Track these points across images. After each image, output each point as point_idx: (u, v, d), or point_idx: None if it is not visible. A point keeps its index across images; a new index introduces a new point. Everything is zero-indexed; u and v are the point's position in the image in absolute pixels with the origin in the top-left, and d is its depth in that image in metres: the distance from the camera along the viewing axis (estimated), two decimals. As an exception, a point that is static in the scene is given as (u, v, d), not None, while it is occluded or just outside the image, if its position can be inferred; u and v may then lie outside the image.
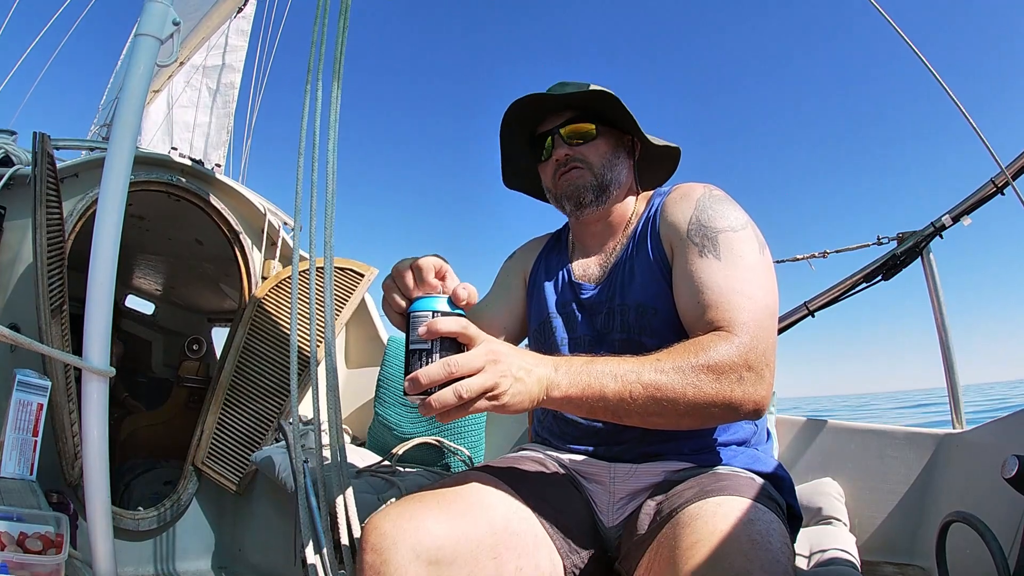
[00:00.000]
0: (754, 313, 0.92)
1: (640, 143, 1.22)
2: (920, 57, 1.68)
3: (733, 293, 0.94)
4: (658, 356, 0.87)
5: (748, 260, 0.98)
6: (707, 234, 1.01)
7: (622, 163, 1.19)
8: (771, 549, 0.72)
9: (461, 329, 0.78)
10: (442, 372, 0.74)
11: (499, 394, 0.77)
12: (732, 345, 0.87)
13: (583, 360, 0.86)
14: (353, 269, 2.84)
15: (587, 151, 1.15)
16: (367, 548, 0.84)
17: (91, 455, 1.05)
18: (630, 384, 0.83)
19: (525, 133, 1.24)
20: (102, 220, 1.08)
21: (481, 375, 0.75)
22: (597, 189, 1.15)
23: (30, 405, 1.51)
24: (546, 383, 0.82)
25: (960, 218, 1.78)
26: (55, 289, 2.02)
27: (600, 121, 1.16)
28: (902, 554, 1.50)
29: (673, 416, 0.85)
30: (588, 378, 0.83)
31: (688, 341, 0.90)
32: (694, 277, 0.98)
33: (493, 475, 1.01)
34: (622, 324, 1.09)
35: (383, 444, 2.33)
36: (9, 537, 1.15)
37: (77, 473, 2.16)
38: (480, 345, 0.78)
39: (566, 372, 0.83)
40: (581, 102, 1.16)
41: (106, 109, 3.61)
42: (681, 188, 1.14)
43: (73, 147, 2.69)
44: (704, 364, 0.85)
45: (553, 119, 1.18)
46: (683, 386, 0.84)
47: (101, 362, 1.06)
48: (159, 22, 1.14)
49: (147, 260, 3.92)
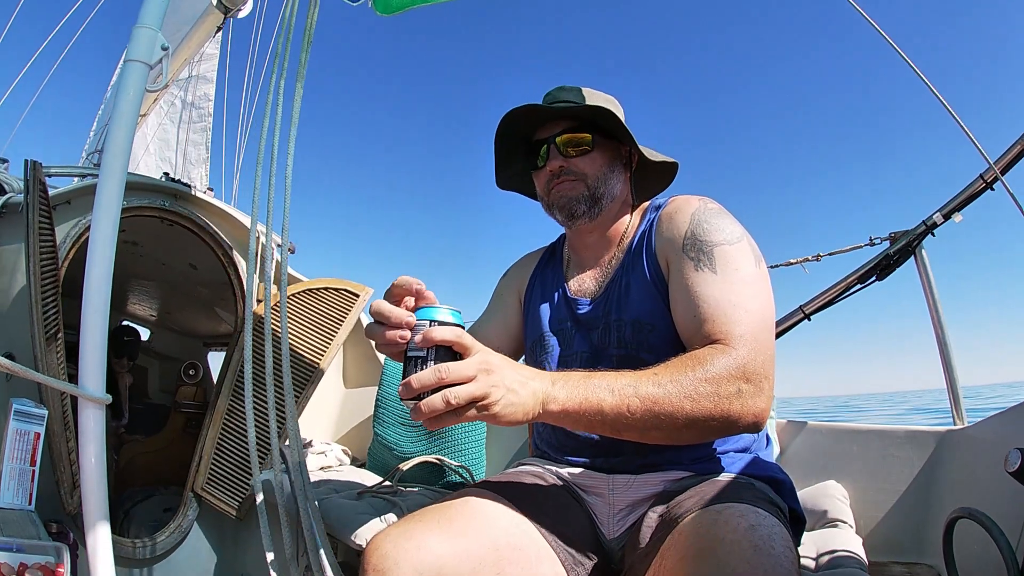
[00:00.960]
0: (751, 326, 0.92)
1: (637, 154, 1.21)
2: (903, 56, 1.70)
3: (730, 306, 0.94)
4: (656, 370, 0.87)
5: (744, 273, 0.98)
6: (702, 248, 1.01)
7: (617, 176, 1.18)
8: (774, 554, 0.72)
9: (456, 338, 0.78)
10: (433, 378, 0.74)
11: (490, 404, 0.76)
12: (730, 358, 0.88)
13: (581, 375, 0.85)
14: (348, 289, 2.83)
15: (582, 163, 1.15)
16: (369, 569, 0.83)
17: (89, 483, 1.04)
18: (627, 398, 0.83)
19: (521, 136, 1.23)
20: (95, 246, 1.08)
21: (472, 384, 0.75)
22: (590, 201, 1.14)
23: (27, 434, 1.49)
24: (542, 396, 0.81)
25: (951, 215, 1.79)
26: (50, 317, 2.01)
27: (597, 132, 1.16)
28: (910, 553, 1.50)
29: (672, 430, 0.85)
30: (585, 392, 0.83)
31: (686, 355, 0.90)
32: (690, 291, 0.99)
33: (493, 491, 1.00)
34: (619, 340, 1.09)
35: (383, 464, 2.31)
36: (9, 568, 1.14)
37: (76, 502, 2.13)
38: (475, 355, 0.78)
39: (563, 386, 0.83)
40: (580, 113, 1.15)
41: (97, 135, 3.61)
42: (676, 201, 1.14)
43: (65, 174, 2.69)
44: (702, 377, 0.85)
45: (550, 127, 1.17)
46: (681, 399, 0.83)
47: (97, 389, 1.05)
48: (147, 48, 1.15)
49: (141, 286, 3.90)
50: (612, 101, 1.19)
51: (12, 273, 2.29)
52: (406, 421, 2.32)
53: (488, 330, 1.33)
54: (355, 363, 3.10)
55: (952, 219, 1.79)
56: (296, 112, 1.11)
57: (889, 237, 1.93)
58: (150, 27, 1.15)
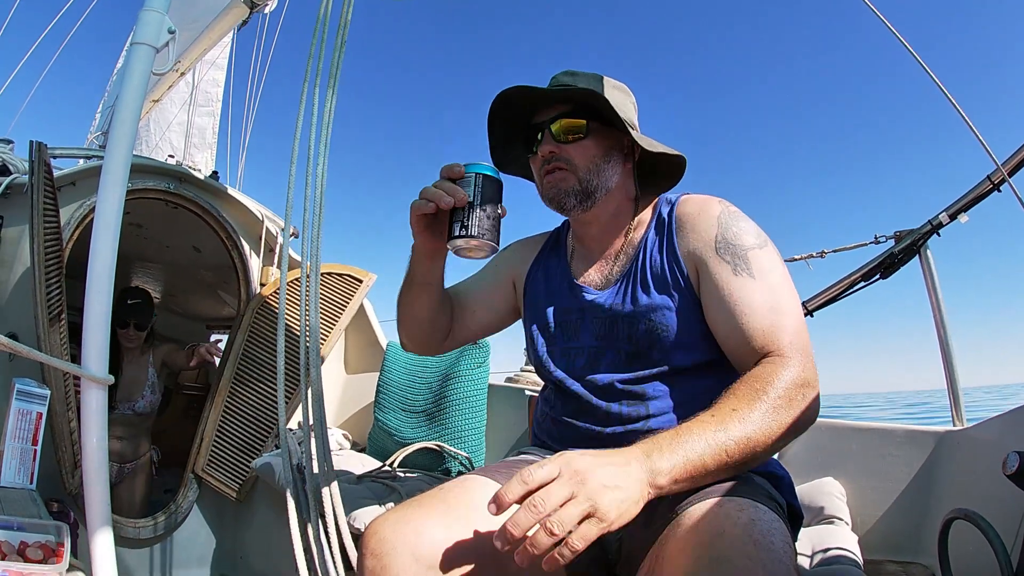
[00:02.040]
0: (795, 329, 0.95)
1: (639, 146, 1.16)
2: (915, 56, 1.69)
3: (774, 313, 0.96)
4: (732, 405, 0.86)
5: (777, 274, 1.01)
6: (736, 252, 1.02)
7: (614, 166, 1.14)
8: (773, 549, 0.72)
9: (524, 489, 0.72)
10: (530, 518, 0.69)
11: (601, 515, 0.71)
12: (790, 371, 0.90)
13: (667, 435, 0.83)
14: (351, 275, 2.84)
15: (574, 151, 1.11)
16: (367, 553, 0.84)
17: (91, 463, 1.04)
18: (723, 445, 0.82)
19: (521, 121, 1.19)
20: (99, 228, 1.08)
21: (572, 504, 0.70)
22: (580, 194, 1.11)
23: (29, 414, 1.50)
24: (647, 477, 0.78)
25: (957, 215, 1.78)
26: (53, 297, 2.02)
27: (595, 119, 1.12)
28: (905, 552, 1.50)
29: (764, 456, 0.86)
30: (685, 453, 0.81)
31: (749, 378, 0.90)
32: (733, 297, 0.99)
33: (492, 479, 1.00)
34: (629, 336, 1.08)
35: (383, 449, 2.33)
36: (9, 546, 1.15)
37: (77, 482, 2.15)
38: (554, 462, 0.74)
39: (659, 456, 0.80)
40: (576, 97, 1.12)
41: (103, 117, 3.61)
42: (693, 201, 1.12)
43: (70, 155, 2.70)
44: (776, 399, 0.86)
45: (547, 111, 1.14)
46: (768, 426, 0.85)
47: (99, 370, 1.05)
48: (155, 31, 1.14)
49: (145, 268, 3.92)
50: (621, 88, 1.16)
51: (16, 254, 2.30)
52: (406, 407, 2.33)
53: (472, 292, 1.33)
54: (357, 349, 3.11)
55: (958, 219, 1.78)
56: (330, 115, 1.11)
57: (894, 236, 1.92)
58: (157, 10, 1.14)
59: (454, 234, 0.99)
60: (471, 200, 0.98)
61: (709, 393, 0.91)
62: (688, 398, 1.03)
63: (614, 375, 1.07)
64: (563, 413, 1.13)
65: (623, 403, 1.05)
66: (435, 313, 1.24)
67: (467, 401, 2.18)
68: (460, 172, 1.00)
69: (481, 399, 2.22)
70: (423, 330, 1.26)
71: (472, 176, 1.00)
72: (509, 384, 2.50)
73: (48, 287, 1.98)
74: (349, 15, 1.15)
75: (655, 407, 1.04)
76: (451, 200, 0.97)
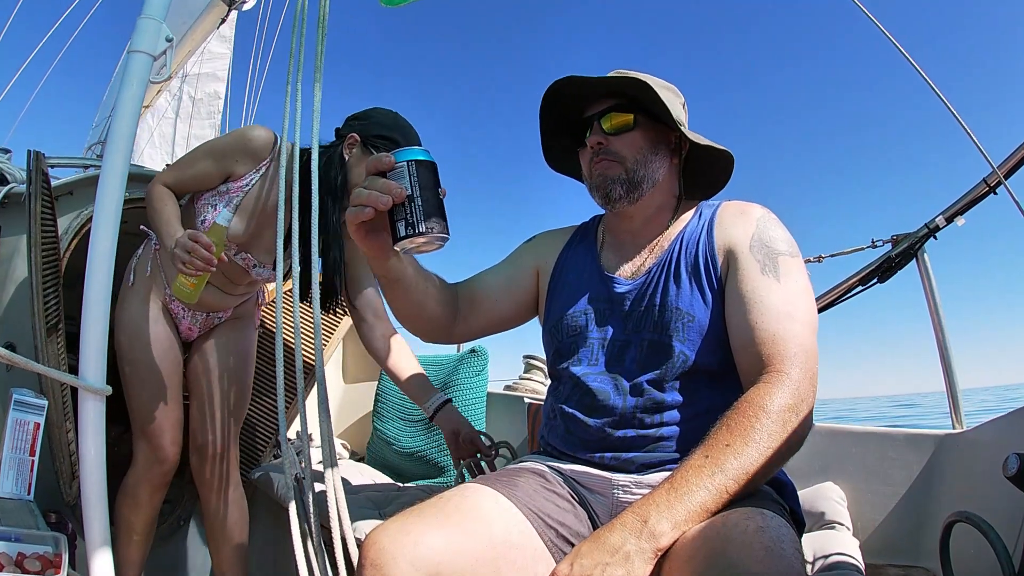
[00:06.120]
0: (802, 339, 0.96)
1: (687, 142, 1.18)
2: (910, 60, 1.69)
3: (788, 319, 0.97)
4: (726, 439, 0.87)
5: (800, 284, 1.03)
6: (768, 253, 1.04)
7: (660, 160, 1.16)
8: (785, 556, 0.71)
9: None
10: None
11: None
12: (784, 393, 0.91)
13: (663, 491, 0.84)
14: (350, 282, 2.83)
15: (621, 143, 1.14)
16: (366, 564, 0.83)
17: (89, 474, 1.04)
18: (722, 486, 0.83)
19: (572, 116, 1.22)
20: (97, 237, 1.08)
21: None
22: (627, 184, 1.13)
23: (27, 424, 1.50)
24: (649, 546, 0.79)
25: (954, 219, 1.79)
26: (51, 307, 2.01)
27: (643, 113, 1.15)
28: (906, 556, 1.50)
29: (764, 481, 0.88)
30: (686, 507, 0.82)
31: (743, 404, 0.91)
32: (752, 294, 1.01)
33: (492, 488, 1.00)
34: (653, 324, 1.09)
35: (382, 459, 2.32)
36: (7, 558, 1.14)
37: (75, 492, 2.14)
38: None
39: (658, 518, 0.81)
40: (625, 90, 1.14)
41: (100, 127, 3.61)
42: (737, 204, 1.15)
43: (67, 165, 2.69)
44: (771, 423, 0.88)
45: (596, 105, 1.17)
46: (764, 455, 0.86)
47: (97, 380, 1.05)
48: (152, 39, 1.14)
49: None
50: (671, 88, 1.18)
51: (13, 263, 2.30)
52: (405, 416, 2.32)
53: (491, 283, 1.31)
54: (355, 358, 3.10)
55: (955, 222, 1.78)
56: (317, 109, 1.09)
57: (891, 239, 1.92)
58: (154, 18, 1.14)
59: (400, 235, 0.88)
60: (409, 193, 0.87)
61: (719, 412, 0.92)
62: (702, 411, 1.03)
63: (635, 371, 1.08)
64: (577, 408, 1.11)
65: (639, 403, 1.05)
66: (420, 306, 1.19)
67: (466, 409, 2.18)
68: (391, 163, 0.89)
69: (480, 407, 2.21)
70: (417, 325, 1.25)
71: (404, 165, 0.89)
72: (508, 392, 2.50)
73: (46, 297, 1.97)
74: (327, 7, 1.15)
75: (669, 416, 1.04)
76: (388, 200, 0.86)
